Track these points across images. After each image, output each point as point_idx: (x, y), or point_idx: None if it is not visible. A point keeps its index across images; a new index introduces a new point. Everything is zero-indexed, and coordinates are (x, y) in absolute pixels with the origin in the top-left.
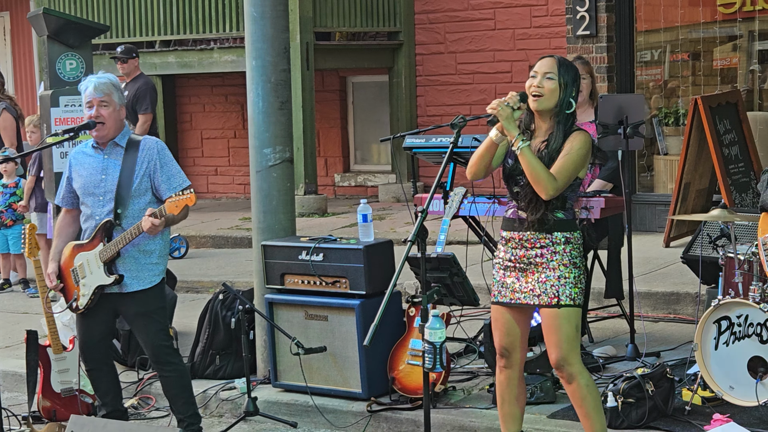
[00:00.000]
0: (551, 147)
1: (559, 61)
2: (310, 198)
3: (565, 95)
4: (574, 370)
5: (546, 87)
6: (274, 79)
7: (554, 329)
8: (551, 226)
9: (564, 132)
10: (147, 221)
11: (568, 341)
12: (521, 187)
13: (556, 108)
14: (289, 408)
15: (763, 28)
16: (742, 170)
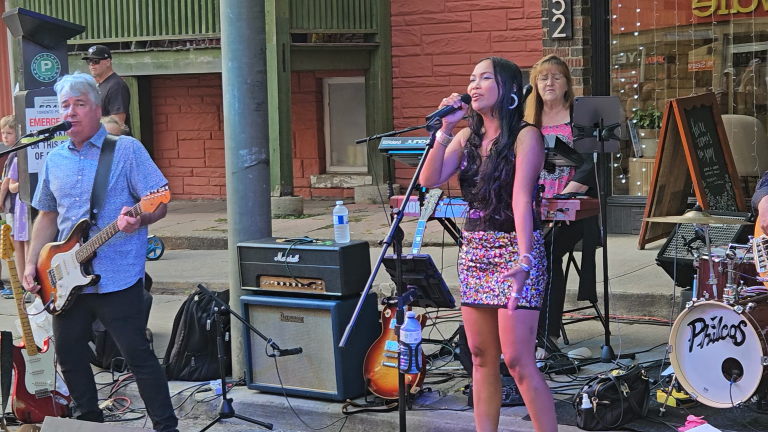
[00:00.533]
0: (499, 144)
1: (494, 61)
2: (286, 199)
3: (504, 91)
4: (526, 371)
5: (484, 86)
6: (250, 80)
7: (509, 329)
8: (511, 225)
9: (510, 127)
10: (122, 220)
11: (521, 342)
12: (477, 188)
13: (498, 104)
14: (264, 409)
15: (738, 31)
16: (716, 173)
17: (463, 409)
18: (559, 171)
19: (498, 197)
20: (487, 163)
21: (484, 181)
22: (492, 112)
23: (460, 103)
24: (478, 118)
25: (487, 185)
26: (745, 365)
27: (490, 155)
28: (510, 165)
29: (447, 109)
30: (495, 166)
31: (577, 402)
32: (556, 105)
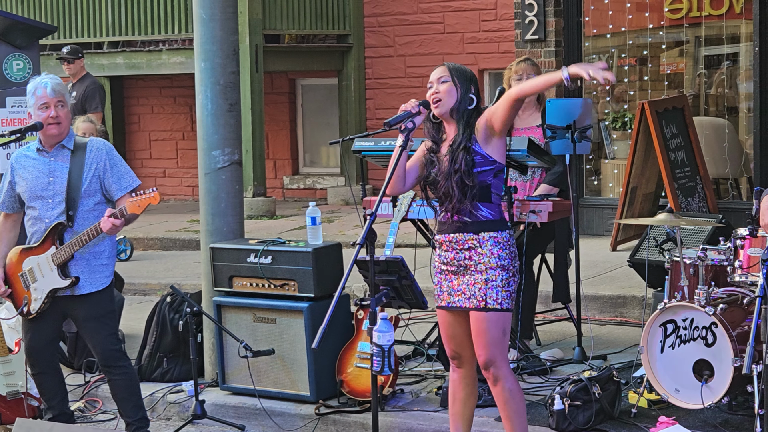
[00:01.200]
0: (455, 144)
1: (449, 66)
2: (258, 200)
3: (462, 92)
4: (500, 372)
5: (442, 90)
6: (223, 81)
7: (481, 332)
8: (478, 226)
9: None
10: (107, 222)
11: (495, 344)
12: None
13: (456, 105)
14: (236, 411)
15: (710, 33)
16: (688, 175)
17: (435, 410)
18: (531, 173)
19: (461, 189)
20: (446, 162)
21: (444, 178)
22: (452, 114)
23: (419, 107)
24: (435, 125)
25: (448, 181)
26: (716, 366)
27: (449, 153)
28: (469, 153)
29: (406, 114)
30: (453, 161)
31: (549, 403)
32: (529, 107)
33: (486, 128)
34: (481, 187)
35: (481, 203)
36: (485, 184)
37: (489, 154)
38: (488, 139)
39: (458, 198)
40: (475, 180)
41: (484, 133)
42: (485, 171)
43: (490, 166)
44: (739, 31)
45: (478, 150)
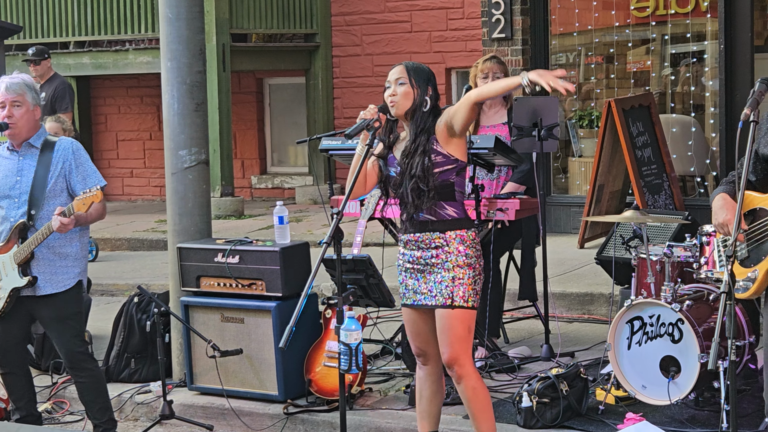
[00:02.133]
0: (407, 148)
1: (407, 66)
2: (226, 200)
3: (420, 94)
4: (464, 371)
5: (399, 92)
6: (189, 80)
7: (446, 329)
8: (444, 225)
9: (419, 130)
10: (56, 220)
11: (459, 342)
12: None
13: (413, 107)
14: (205, 411)
15: (676, 31)
16: (654, 172)
17: (404, 409)
18: (498, 171)
19: (417, 194)
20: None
21: (401, 183)
22: (407, 115)
23: (378, 114)
24: (390, 125)
25: (403, 186)
26: (682, 362)
27: (405, 156)
28: (427, 156)
29: (365, 122)
30: (408, 165)
31: (517, 400)
32: (495, 104)
33: (446, 128)
34: (444, 186)
35: (445, 202)
36: (448, 183)
37: (450, 153)
38: (448, 139)
39: (413, 204)
40: (431, 184)
41: (444, 133)
42: (447, 170)
43: (452, 165)
44: (705, 29)
45: (439, 150)
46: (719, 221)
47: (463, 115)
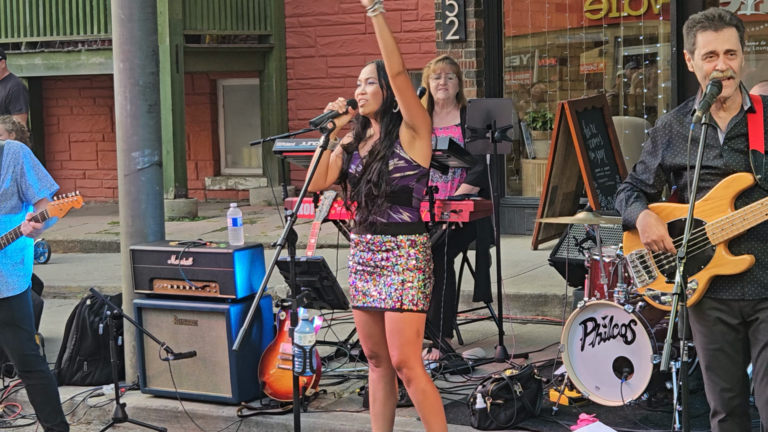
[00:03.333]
0: (376, 147)
1: (378, 65)
2: (180, 202)
3: (389, 94)
4: (413, 373)
5: (369, 91)
6: (142, 81)
7: (396, 333)
8: (397, 229)
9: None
10: (28, 226)
11: (409, 345)
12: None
13: (382, 108)
14: (158, 414)
15: (629, 34)
16: (607, 174)
17: (358, 411)
18: (452, 173)
19: (369, 197)
20: (364, 165)
21: (358, 184)
22: (376, 116)
23: (347, 107)
24: (362, 122)
25: (359, 187)
26: (635, 363)
27: (368, 156)
28: (384, 162)
29: (332, 113)
30: (368, 168)
31: (472, 402)
32: (448, 105)
33: (407, 129)
34: (402, 191)
35: (401, 206)
36: (407, 188)
37: (413, 158)
38: (412, 143)
39: (368, 208)
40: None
41: (407, 135)
42: (408, 176)
43: (414, 171)
44: (657, 31)
45: (402, 155)
46: (652, 238)
47: (399, 102)
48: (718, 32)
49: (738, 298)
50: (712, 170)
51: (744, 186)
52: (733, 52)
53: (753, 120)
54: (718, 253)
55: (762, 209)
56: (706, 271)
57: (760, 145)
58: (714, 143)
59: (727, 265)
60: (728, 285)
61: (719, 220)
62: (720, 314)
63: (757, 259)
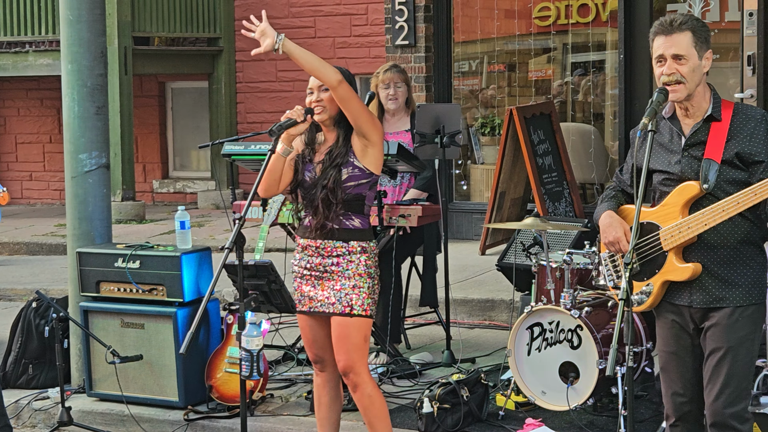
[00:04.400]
0: (333, 152)
1: None
2: (127, 204)
3: None
4: (359, 379)
5: (324, 98)
6: (90, 83)
7: (344, 337)
8: (348, 235)
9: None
10: None
11: (356, 350)
12: (313, 195)
13: (338, 115)
14: (104, 417)
15: (577, 41)
16: (555, 180)
17: (305, 415)
18: (400, 178)
19: (325, 205)
20: (318, 170)
21: (313, 189)
22: (332, 122)
23: (305, 116)
24: (314, 128)
25: (314, 193)
26: (581, 368)
27: (323, 162)
28: (340, 170)
29: (290, 122)
30: (323, 174)
31: (418, 406)
32: (398, 112)
33: (359, 137)
34: (356, 198)
35: (353, 213)
36: (360, 196)
37: (366, 166)
38: (364, 150)
39: (323, 214)
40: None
41: (359, 143)
42: (362, 184)
43: (367, 179)
44: (606, 38)
45: (355, 164)
46: (609, 239)
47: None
48: (667, 37)
49: (687, 305)
50: (671, 176)
51: (692, 194)
52: (680, 56)
53: (716, 128)
54: (669, 259)
55: (702, 219)
56: (660, 276)
57: (716, 154)
58: (677, 149)
59: (676, 272)
60: (679, 291)
61: (670, 226)
62: (675, 318)
63: (706, 268)
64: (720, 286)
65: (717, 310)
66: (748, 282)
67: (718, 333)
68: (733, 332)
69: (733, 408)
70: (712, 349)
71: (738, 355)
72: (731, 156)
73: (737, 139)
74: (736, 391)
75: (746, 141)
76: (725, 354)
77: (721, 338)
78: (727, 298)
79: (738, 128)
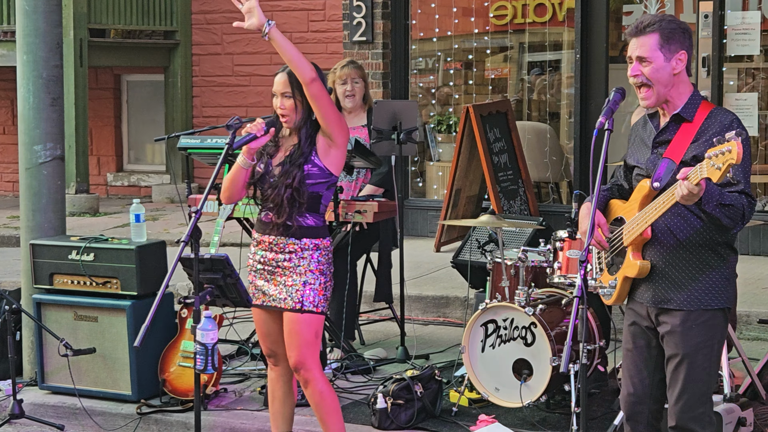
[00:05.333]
0: (295, 154)
1: (290, 76)
2: (81, 197)
3: (306, 105)
4: (310, 375)
5: (287, 106)
6: (45, 74)
7: (294, 333)
8: (301, 232)
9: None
10: None
11: (306, 346)
12: (271, 191)
13: (301, 122)
14: (56, 410)
15: (533, 40)
16: (510, 178)
17: (259, 410)
18: (356, 174)
19: (290, 203)
20: (280, 169)
21: (276, 187)
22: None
23: (266, 130)
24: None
25: (279, 191)
26: (534, 366)
27: (284, 162)
28: (301, 171)
29: (250, 137)
30: (287, 173)
31: (372, 402)
32: (355, 108)
33: (323, 136)
34: (312, 198)
35: (308, 212)
36: (317, 195)
37: (326, 166)
38: (327, 151)
39: (288, 213)
40: (306, 196)
41: (323, 142)
42: (320, 183)
43: (325, 179)
44: (562, 38)
45: (316, 162)
46: (583, 229)
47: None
48: (634, 38)
49: (643, 302)
50: (641, 171)
51: (644, 192)
52: (643, 58)
53: (685, 129)
54: (627, 255)
55: (645, 216)
56: (621, 271)
57: (677, 155)
58: (650, 145)
59: (629, 268)
60: (639, 288)
61: (628, 222)
62: (635, 317)
63: (657, 267)
64: (667, 286)
65: (669, 314)
66: (700, 287)
67: (673, 340)
68: (688, 339)
69: (693, 412)
70: (670, 355)
71: (695, 362)
72: (689, 158)
73: (700, 142)
74: (694, 397)
75: (706, 145)
76: (681, 361)
77: (676, 345)
78: (673, 299)
79: (705, 131)
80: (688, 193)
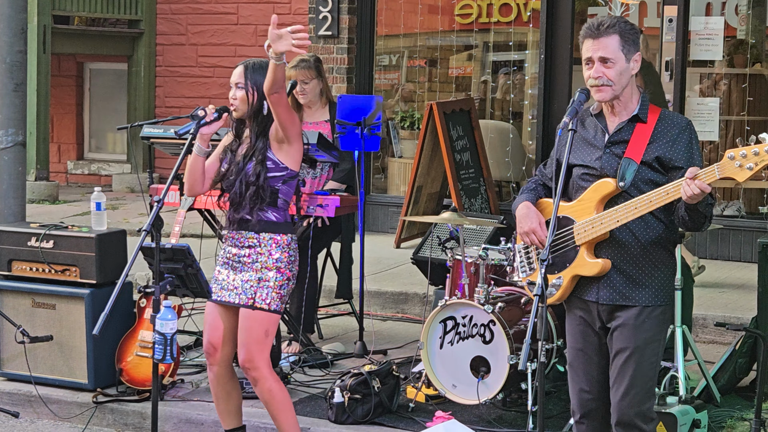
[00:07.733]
0: (248, 150)
1: (246, 67)
2: (41, 184)
3: (258, 97)
4: (258, 374)
5: (238, 97)
6: (9, 59)
7: (244, 330)
8: (261, 226)
9: (259, 131)
10: None
11: (255, 343)
12: (231, 186)
13: (251, 112)
14: (11, 397)
15: (498, 39)
16: (472, 176)
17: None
18: (320, 170)
19: (252, 200)
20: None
21: (237, 184)
22: (249, 118)
23: (218, 115)
24: (238, 123)
25: (240, 188)
26: (492, 363)
27: (243, 159)
28: (264, 167)
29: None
30: (244, 170)
31: (329, 396)
32: (314, 103)
33: (276, 132)
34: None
35: (267, 206)
36: (273, 189)
37: (281, 160)
38: (280, 146)
39: (248, 209)
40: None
41: (275, 137)
42: (275, 177)
43: (281, 173)
44: (527, 38)
45: (270, 156)
46: (524, 229)
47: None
48: (595, 40)
49: (594, 301)
50: (590, 171)
51: (607, 191)
52: (607, 59)
53: (640, 129)
54: (581, 254)
55: (615, 216)
56: (570, 270)
57: (636, 154)
58: (599, 145)
59: (585, 267)
60: (587, 286)
61: (584, 221)
62: (583, 314)
63: (615, 265)
64: (627, 284)
65: (623, 309)
66: (656, 283)
67: (625, 333)
68: (640, 333)
69: (639, 407)
70: (619, 349)
71: (644, 356)
72: (651, 159)
73: (659, 143)
74: (641, 392)
75: (668, 146)
76: (631, 354)
77: (628, 338)
78: (634, 297)
79: (661, 133)
80: (699, 192)
